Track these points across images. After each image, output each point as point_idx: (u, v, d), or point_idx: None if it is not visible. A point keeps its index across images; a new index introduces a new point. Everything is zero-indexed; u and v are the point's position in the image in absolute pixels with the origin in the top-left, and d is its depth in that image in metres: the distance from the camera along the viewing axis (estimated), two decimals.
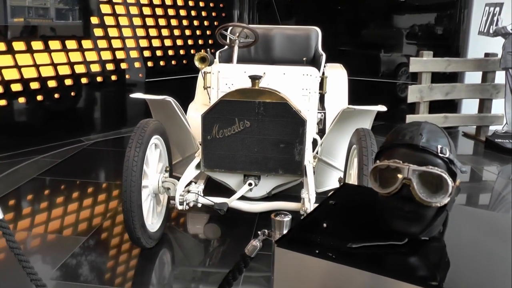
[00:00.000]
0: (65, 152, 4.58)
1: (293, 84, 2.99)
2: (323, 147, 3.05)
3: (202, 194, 2.75)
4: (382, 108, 2.89)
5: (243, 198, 2.80)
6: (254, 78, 2.65)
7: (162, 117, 2.92)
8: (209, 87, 3.17)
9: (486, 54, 5.34)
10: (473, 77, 5.64)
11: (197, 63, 3.11)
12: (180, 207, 2.64)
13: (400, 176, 1.18)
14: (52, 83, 4.76)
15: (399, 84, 6.54)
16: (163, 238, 2.87)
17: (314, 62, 4.09)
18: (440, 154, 1.20)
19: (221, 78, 3.12)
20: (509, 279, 1.13)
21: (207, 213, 3.23)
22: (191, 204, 2.69)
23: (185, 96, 3.93)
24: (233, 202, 2.71)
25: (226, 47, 3.93)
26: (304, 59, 3.95)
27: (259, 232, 1.45)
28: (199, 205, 2.74)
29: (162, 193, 2.76)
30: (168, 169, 2.81)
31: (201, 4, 6.50)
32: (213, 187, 2.99)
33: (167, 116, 2.90)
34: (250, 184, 2.73)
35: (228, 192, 2.89)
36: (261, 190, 2.84)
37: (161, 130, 2.75)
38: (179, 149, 3.16)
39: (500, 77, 5.24)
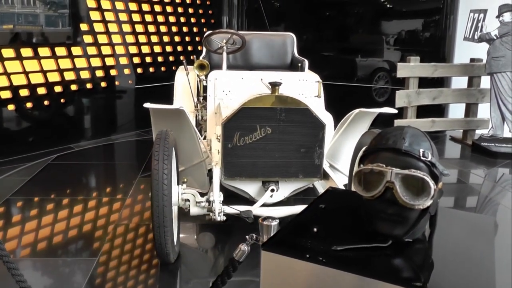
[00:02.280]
0: (54, 160, 4.56)
1: (290, 89, 3.01)
2: (329, 150, 3.09)
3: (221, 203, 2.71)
4: (392, 110, 3.07)
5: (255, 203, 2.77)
6: (274, 85, 2.65)
7: (166, 126, 2.86)
8: (205, 94, 3.17)
9: (472, 60, 5.41)
10: (460, 82, 5.72)
11: (196, 71, 3.10)
12: (219, 219, 2.59)
13: (383, 179, 1.21)
14: (41, 90, 4.74)
15: (376, 89, 6.63)
16: None
17: (292, 67, 4.13)
18: (422, 158, 1.23)
19: (218, 85, 3.13)
20: (493, 279, 1.16)
21: (201, 222, 3.19)
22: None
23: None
24: (257, 209, 2.69)
25: (204, 53, 3.94)
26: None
27: (247, 237, 1.47)
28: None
29: (181, 205, 2.69)
30: (186, 180, 2.75)
31: (190, 10, 6.52)
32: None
33: (173, 125, 2.85)
34: (272, 190, 2.72)
35: (236, 199, 2.86)
36: (280, 195, 2.84)
37: (175, 141, 2.71)
38: (184, 158, 3.10)
39: (485, 82, 5.31)
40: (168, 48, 6.18)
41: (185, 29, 6.40)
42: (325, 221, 1.37)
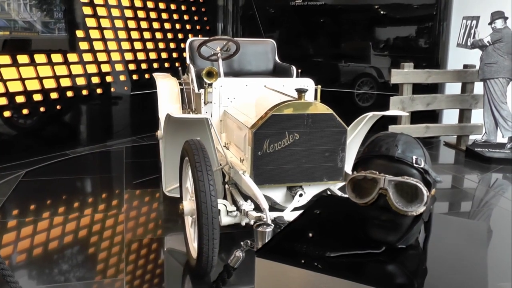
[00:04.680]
0: (50, 166, 4.55)
1: (292, 94, 3.05)
2: None
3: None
4: (404, 113, 3.43)
5: (276, 209, 2.75)
6: (301, 91, 2.67)
7: (182, 134, 2.85)
8: (210, 102, 3.16)
9: (465, 66, 5.46)
10: (453, 88, 5.77)
11: (205, 79, 3.09)
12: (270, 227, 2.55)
13: (376, 186, 1.22)
14: (37, 97, 4.74)
15: (360, 94, 6.71)
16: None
17: (275, 73, 4.16)
18: (415, 165, 1.24)
19: (223, 92, 3.13)
20: (485, 285, 1.18)
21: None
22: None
23: None
24: (287, 214, 2.66)
25: (188, 60, 3.96)
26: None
27: (241, 243, 1.47)
28: (252, 222, 2.63)
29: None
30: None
31: (186, 17, 6.56)
32: None
33: (190, 134, 2.83)
34: (300, 195, 2.72)
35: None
36: (304, 199, 2.84)
37: None
38: None
39: (478, 88, 5.36)
40: (164, 55, 6.20)
41: (180, 35, 6.43)
42: (319, 228, 1.38)
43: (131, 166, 4.71)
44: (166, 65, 6.19)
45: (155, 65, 6.05)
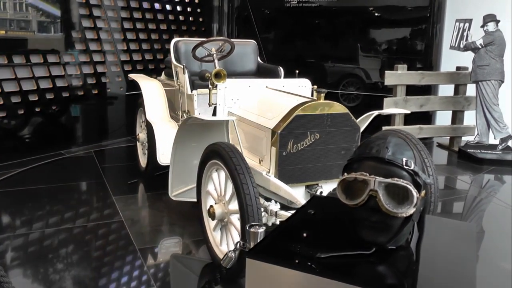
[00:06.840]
0: (44, 166, 4.55)
1: (291, 95, 3.08)
2: None
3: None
4: (405, 111, 3.62)
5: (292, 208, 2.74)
6: (320, 92, 2.74)
7: (197, 137, 2.83)
8: (214, 103, 3.17)
9: (458, 68, 5.51)
10: (446, 90, 5.82)
11: (214, 80, 3.06)
12: None
13: (367, 188, 1.23)
14: (33, 97, 4.74)
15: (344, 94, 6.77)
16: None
17: (258, 74, 4.19)
18: (405, 167, 1.26)
19: (227, 94, 3.16)
20: (473, 285, 1.20)
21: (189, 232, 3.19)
22: None
23: None
24: None
25: (174, 60, 3.96)
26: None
27: (234, 244, 1.48)
28: (278, 222, 2.65)
29: None
30: None
31: (181, 18, 6.57)
32: None
33: (199, 137, 2.83)
34: (321, 193, 2.76)
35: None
36: None
37: None
38: None
39: (471, 89, 5.41)
40: (159, 56, 6.21)
41: (176, 36, 6.43)
42: (311, 229, 1.39)
43: (127, 167, 4.70)
44: (162, 66, 6.19)
45: (151, 66, 6.06)
